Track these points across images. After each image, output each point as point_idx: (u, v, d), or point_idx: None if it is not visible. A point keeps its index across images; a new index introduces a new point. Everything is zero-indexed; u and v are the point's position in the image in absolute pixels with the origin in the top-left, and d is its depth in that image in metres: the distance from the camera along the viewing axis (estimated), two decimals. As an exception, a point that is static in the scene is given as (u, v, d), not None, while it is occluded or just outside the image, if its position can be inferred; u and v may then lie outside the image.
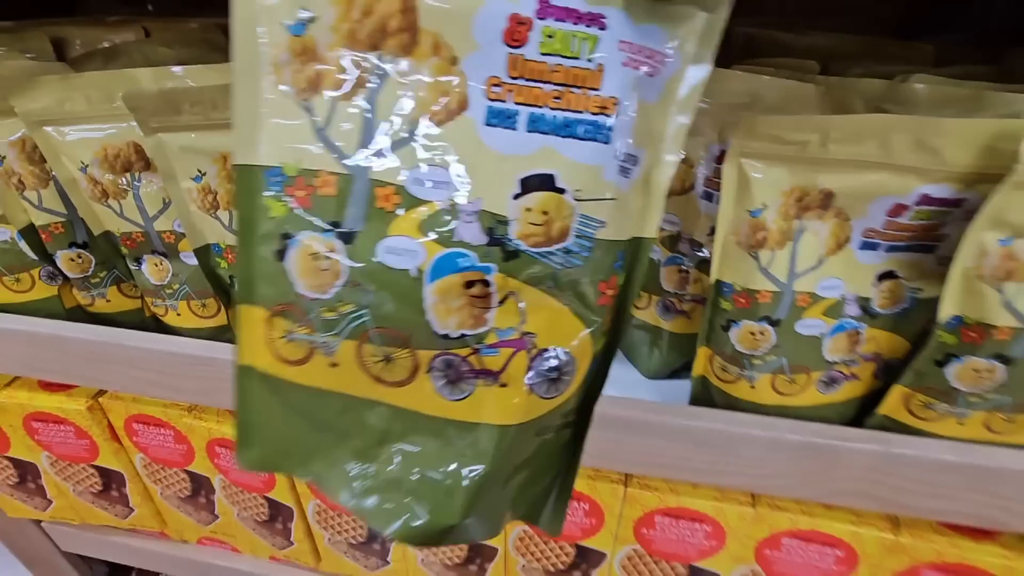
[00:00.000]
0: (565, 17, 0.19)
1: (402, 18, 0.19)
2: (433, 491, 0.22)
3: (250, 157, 0.20)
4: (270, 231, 0.21)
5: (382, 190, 0.20)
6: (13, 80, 0.35)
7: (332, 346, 0.21)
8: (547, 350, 0.22)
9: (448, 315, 0.21)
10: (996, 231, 0.27)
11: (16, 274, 0.43)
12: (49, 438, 0.49)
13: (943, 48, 0.42)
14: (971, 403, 0.31)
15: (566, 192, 0.20)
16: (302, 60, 0.19)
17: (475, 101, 0.20)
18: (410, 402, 0.22)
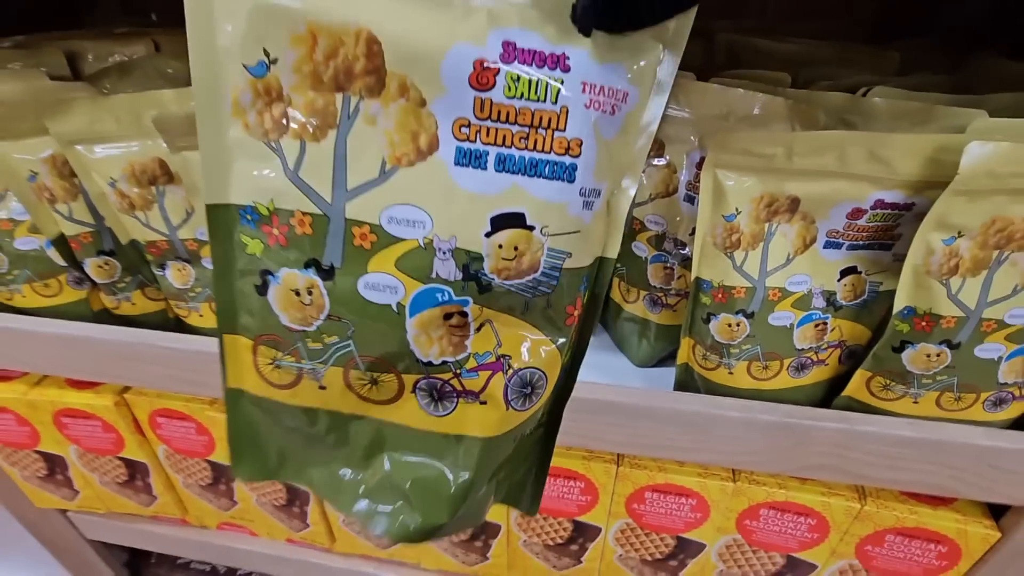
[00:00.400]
0: (529, 60, 0.19)
1: (367, 61, 0.19)
2: (423, 495, 0.24)
3: (221, 196, 0.21)
4: (248, 267, 0.21)
5: (358, 229, 0.21)
6: (42, 102, 0.38)
7: (319, 372, 0.23)
8: (521, 369, 0.23)
9: (430, 345, 0.22)
10: (941, 232, 0.30)
11: (45, 280, 0.45)
12: (78, 432, 0.52)
13: (910, 53, 0.45)
14: (924, 384, 0.35)
15: (535, 229, 0.21)
16: (266, 101, 0.19)
17: (445, 142, 0.20)
18: (397, 417, 0.24)
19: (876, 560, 0.43)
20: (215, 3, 0.19)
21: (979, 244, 0.30)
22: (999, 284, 0.31)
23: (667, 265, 0.42)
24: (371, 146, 0.20)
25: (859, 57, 0.44)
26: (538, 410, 0.25)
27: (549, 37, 0.19)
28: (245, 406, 0.24)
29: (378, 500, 0.24)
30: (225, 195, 0.21)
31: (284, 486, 0.53)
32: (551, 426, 0.27)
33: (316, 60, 0.19)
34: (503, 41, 0.19)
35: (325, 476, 0.25)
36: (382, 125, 0.20)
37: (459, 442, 0.24)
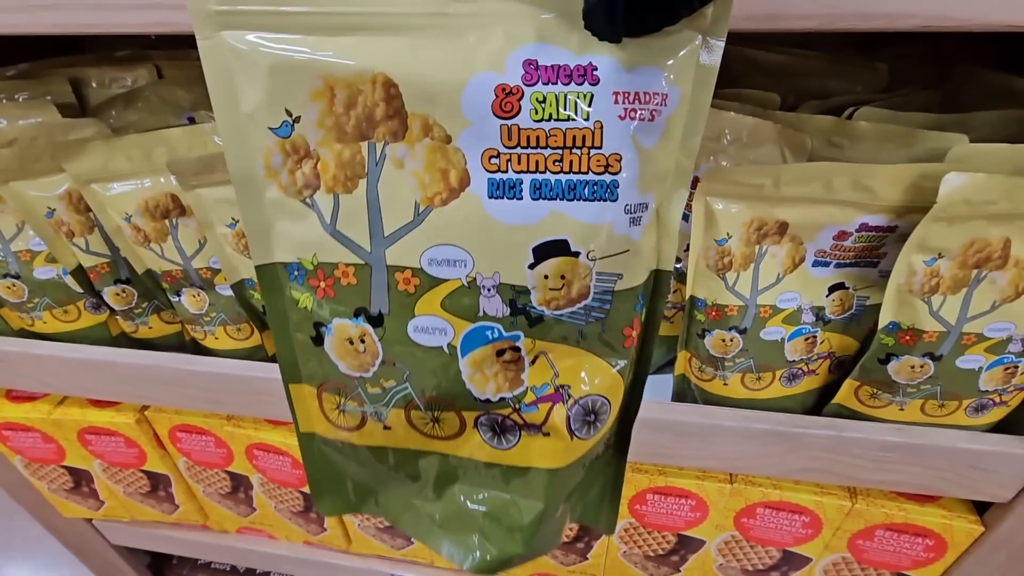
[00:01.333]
0: (554, 78, 0.18)
1: (387, 105, 0.18)
2: (497, 527, 0.24)
3: (268, 257, 0.21)
4: (302, 320, 0.22)
5: (400, 274, 0.21)
6: (56, 144, 0.39)
7: (382, 414, 0.23)
8: (582, 398, 0.23)
9: (485, 382, 0.22)
10: (922, 254, 0.31)
11: (64, 306, 0.47)
12: (101, 448, 0.55)
13: (899, 64, 0.46)
14: (909, 392, 0.37)
15: (580, 255, 0.20)
16: (295, 160, 0.20)
17: (476, 176, 0.19)
18: (463, 452, 0.24)
19: (867, 553, 0.45)
20: (234, 73, 0.19)
21: (958, 264, 0.31)
22: (978, 301, 0.32)
23: (663, 279, 0.43)
24: (402, 189, 0.20)
25: (848, 70, 0.45)
26: (605, 434, 0.24)
27: (572, 47, 0.18)
28: (318, 448, 0.25)
29: (454, 531, 0.24)
30: (271, 255, 0.21)
31: (300, 493, 0.55)
32: (620, 445, 0.26)
33: (337, 112, 0.19)
34: (524, 61, 0.18)
35: (402, 508, 0.25)
36: (410, 167, 0.19)
37: (526, 473, 0.24)
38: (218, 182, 0.37)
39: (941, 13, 0.22)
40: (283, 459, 0.51)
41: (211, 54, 0.19)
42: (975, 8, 0.22)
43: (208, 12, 0.18)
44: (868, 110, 0.36)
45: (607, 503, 0.27)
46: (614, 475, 0.27)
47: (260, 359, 0.46)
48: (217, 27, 0.19)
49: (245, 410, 0.47)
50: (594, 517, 0.27)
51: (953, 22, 0.22)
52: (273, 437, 0.50)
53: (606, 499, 0.27)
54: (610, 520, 0.27)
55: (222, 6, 0.18)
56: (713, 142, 0.37)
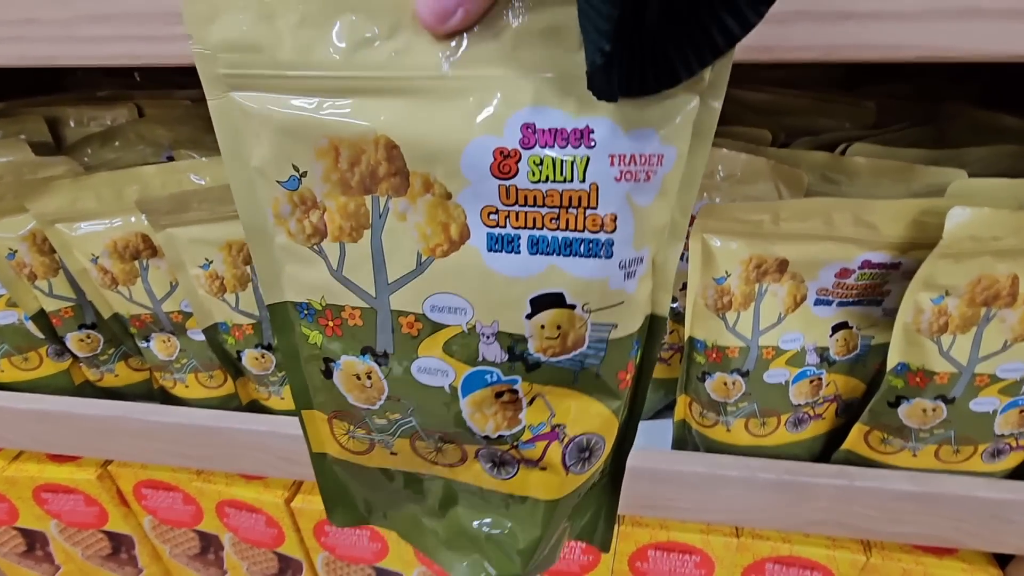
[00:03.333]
0: (551, 141, 0.18)
1: (389, 164, 0.19)
2: (496, 549, 0.25)
3: (279, 296, 0.23)
4: (312, 355, 0.23)
5: (404, 318, 0.22)
6: (22, 182, 0.37)
7: (389, 443, 0.24)
8: (577, 436, 0.24)
9: (485, 421, 0.23)
10: (929, 292, 0.30)
11: (24, 353, 0.44)
12: (59, 507, 0.50)
13: (885, 101, 0.46)
14: (922, 437, 0.35)
15: (576, 307, 0.21)
16: (303, 210, 0.21)
17: (475, 230, 0.20)
18: (465, 478, 0.25)
19: (884, 611, 0.42)
20: (243, 129, 0.20)
21: (967, 302, 0.30)
22: (989, 340, 0.31)
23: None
24: (405, 241, 0.21)
25: (836, 108, 0.45)
26: (599, 468, 0.26)
27: (570, 110, 0.18)
28: (329, 466, 0.27)
29: (457, 549, 0.26)
30: (281, 294, 0.23)
31: (275, 555, 0.51)
32: (616, 473, 0.27)
33: (342, 169, 0.20)
34: (521, 125, 0.18)
35: (408, 523, 0.27)
36: (412, 220, 0.20)
37: (524, 502, 0.25)
38: (191, 221, 0.35)
39: (938, 44, 0.21)
40: (256, 516, 0.48)
41: (221, 113, 0.20)
42: (971, 40, 0.21)
43: (217, 75, 0.19)
44: (861, 146, 0.36)
45: (602, 523, 0.28)
46: (609, 500, 0.28)
47: (233, 408, 0.43)
48: (226, 88, 0.19)
49: (217, 464, 0.44)
50: (590, 536, 0.28)
51: (951, 53, 0.22)
52: (246, 493, 0.46)
53: (601, 520, 0.28)
54: (605, 539, 0.28)
55: (230, 70, 0.19)
56: (706, 179, 0.36)
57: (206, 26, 0.18)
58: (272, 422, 0.41)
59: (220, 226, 0.35)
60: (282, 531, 0.48)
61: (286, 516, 0.46)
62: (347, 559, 0.49)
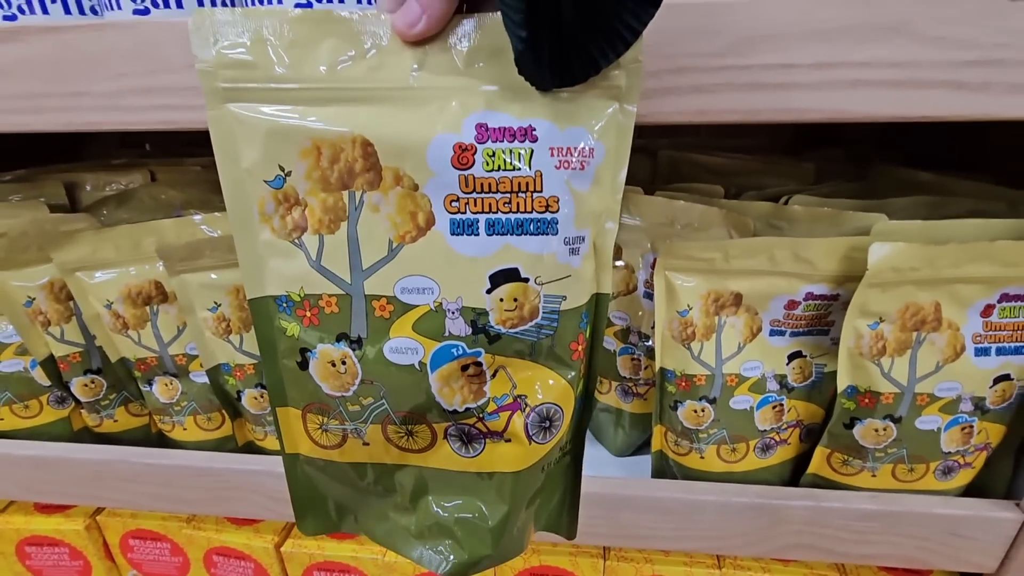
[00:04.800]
0: (501, 137, 0.22)
1: (364, 161, 0.22)
2: (467, 531, 0.27)
3: (260, 291, 0.25)
4: (290, 347, 0.25)
5: (377, 302, 0.24)
6: (46, 234, 0.41)
7: (362, 431, 0.26)
8: (538, 406, 0.26)
9: (452, 395, 0.25)
10: (865, 319, 0.34)
11: (25, 401, 0.46)
12: (41, 563, 0.50)
13: (823, 163, 0.53)
14: (878, 457, 0.37)
15: (529, 280, 0.24)
16: (286, 207, 0.23)
17: (440, 216, 0.23)
18: (434, 462, 0.27)
19: (867, 643, 0.43)
20: (236, 134, 0.23)
21: (899, 327, 0.34)
22: (923, 361, 0.35)
23: (634, 356, 0.45)
24: (378, 230, 0.23)
25: (780, 169, 0.51)
26: (560, 439, 0.27)
27: (515, 114, 0.22)
28: (301, 468, 0.27)
29: (429, 540, 0.27)
30: (262, 289, 0.24)
31: (261, 608, 0.50)
32: (576, 453, 0.29)
33: (323, 167, 0.23)
34: (476, 124, 0.22)
35: (379, 523, 0.28)
36: (384, 211, 0.23)
37: (491, 478, 0.26)
38: (203, 267, 0.38)
39: (838, 108, 0.27)
40: (246, 565, 0.48)
41: (217, 122, 0.23)
42: (866, 104, 0.26)
43: (216, 88, 0.22)
44: (800, 197, 0.41)
45: (567, 511, 0.30)
46: (572, 484, 0.29)
47: (229, 450, 0.45)
48: (223, 100, 0.22)
49: (208, 507, 0.44)
50: (555, 525, 0.30)
51: (848, 115, 0.27)
52: (236, 539, 0.47)
53: (566, 507, 0.30)
54: (570, 527, 0.29)
55: (227, 84, 0.22)
56: (666, 227, 0.40)
57: (209, 47, 0.22)
58: (265, 462, 0.42)
59: (229, 272, 0.39)
60: (270, 580, 0.48)
61: (275, 563, 0.47)
62: (334, 609, 0.49)
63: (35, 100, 0.31)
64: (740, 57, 0.26)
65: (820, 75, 0.26)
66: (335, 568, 0.46)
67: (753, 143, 0.61)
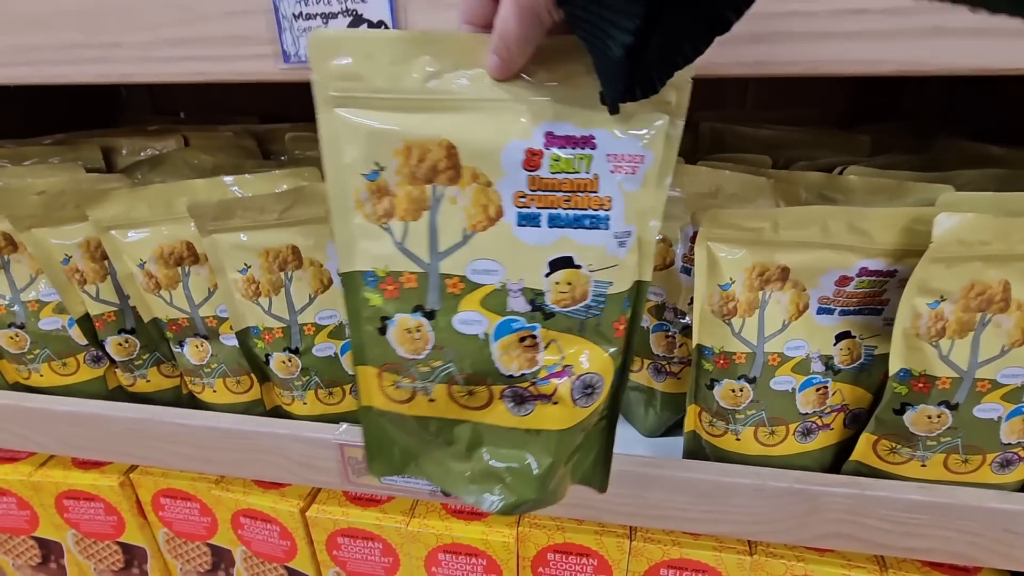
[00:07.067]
0: (565, 144, 0.26)
1: (447, 160, 0.26)
2: (515, 478, 0.30)
3: (349, 266, 0.28)
4: (372, 315, 0.28)
5: (450, 280, 0.27)
6: (83, 192, 0.41)
7: (429, 389, 0.29)
8: (582, 375, 0.29)
9: (510, 362, 0.29)
10: (924, 296, 0.32)
11: (64, 359, 0.47)
12: (78, 515, 0.51)
13: (880, 136, 0.49)
14: (929, 446, 0.35)
15: (582, 267, 0.27)
16: (378, 197, 0.27)
17: (508, 210, 0.26)
18: (490, 419, 0.30)
19: (905, 639, 0.41)
20: (341, 134, 0.26)
21: (962, 307, 0.32)
22: (987, 345, 0.32)
23: (668, 334, 0.43)
24: (454, 219, 0.27)
25: (832, 140, 0.48)
26: (599, 405, 0.30)
27: (578, 124, 0.25)
28: (374, 419, 0.31)
29: (482, 484, 0.31)
30: (352, 264, 0.28)
31: (285, 570, 0.51)
32: (611, 418, 0.32)
33: (411, 165, 0.26)
34: (545, 132, 0.25)
35: (438, 468, 0.32)
36: (461, 203, 0.26)
37: (539, 435, 0.30)
38: (234, 228, 0.38)
39: (914, 59, 0.24)
40: (271, 528, 0.48)
41: (326, 123, 0.26)
42: (945, 54, 0.24)
43: (327, 96, 0.25)
44: (856, 168, 0.38)
45: (600, 467, 0.33)
46: (606, 444, 0.33)
47: (257, 414, 0.45)
48: (332, 106, 0.26)
49: (236, 469, 0.45)
50: (589, 478, 0.33)
51: (925, 67, 0.24)
52: (262, 502, 0.47)
53: (599, 464, 0.33)
54: (602, 482, 0.33)
55: (336, 92, 0.25)
56: (708, 198, 0.38)
57: (324, 62, 0.25)
58: (293, 426, 0.42)
59: (260, 233, 0.38)
60: (295, 543, 0.48)
61: (300, 527, 0.47)
62: (358, 575, 0.49)
63: (71, 51, 0.31)
64: (805, 1, 0.24)
65: (895, 22, 0.24)
66: (359, 535, 0.46)
67: (802, 115, 0.58)
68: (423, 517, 0.45)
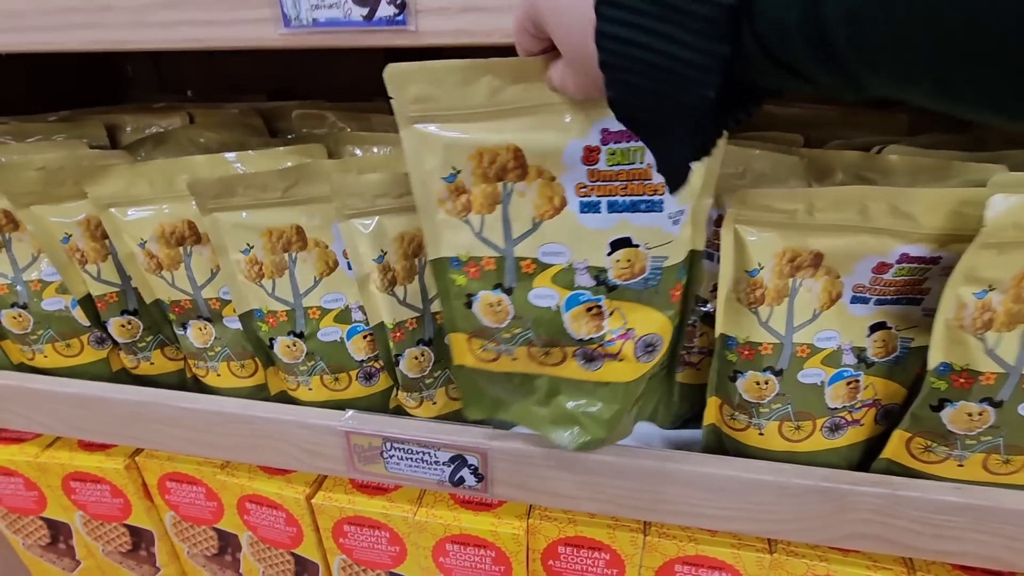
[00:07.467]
0: (620, 139, 0.28)
1: (515, 161, 0.29)
2: (589, 421, 0.35)
3: (437, 253, 0.32)
4: (458, 293, 0.33)
5: (523, 262, 0.32)
6: (82, 168, 0.39)
7: (511, 350, 0.34)
8: (644, 335, 0.33)
9: (579, 328, 0.32)
10: (971, 286, 0.29)
11: (67, 340, 0.46)
12: (85, 497, 0.51)
13: (918, 115, 0.46)
14: (968, 445, 0.33)
15: (639, 246, 0.31)
16: (456, 195, 0.31)
17: (571, 199, 0.30)
18: (565, 374, 0.35)
19: (932, 644, 0.39)
20: (421, 146, 0.30)
21: (1012, 297, 0.29)
22: (1038, 339, 0.30)
23: (689, 323, 0.41)
24: (524, 210, 0.30)
25: (867, 120, 0.45)
26: (660, 359, 0.34)
27: None
28: (466, 375, 0.36)
29: (560, 425, 0.36)
30: (439, 252, 0.32)
31: (292, 556, 0.50)
32: (670, 367, 0.37)
33: (484, 167, 0.30)
34: (600, 130, 0.28)
35: (523, 412, 0.37)
36: (529, 196, 0.30)
37: (608, 386, 0.34)
38: (236, 206, 0.36)
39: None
40: (276, 514, 0.47)
41: (408, 137, 0.30)
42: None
43: (408, 115, 0.29)
44: (898, 147, 0.35)
45: (662, 407, 0.38)
46: (666, 389, 0.38)
47: (262, 399, 0.44)
48: (411, 123, 0.29)
49: (240, 455, 0.44)
50: (653, 416, 0.39)
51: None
52: (268, 488, 0.46)
53: (661, 404, 0.38)
54: (664, 419, 0.39)
55: (414, 112, 0.29)
56: (735, 179, 0.36)
57: (402, 89, 0.28)
58: (299, 412, 0.41)
59: (262, 212, 0.37)
60: (301, 530, 0.47)
61: (306, 513, 0.46)
62: (364, 563, 0.48)
63: (60, 16, 0.30)
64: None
65: None
66: (365, 523, 0.45)
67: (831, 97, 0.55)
68: (431, 507, 0.44)
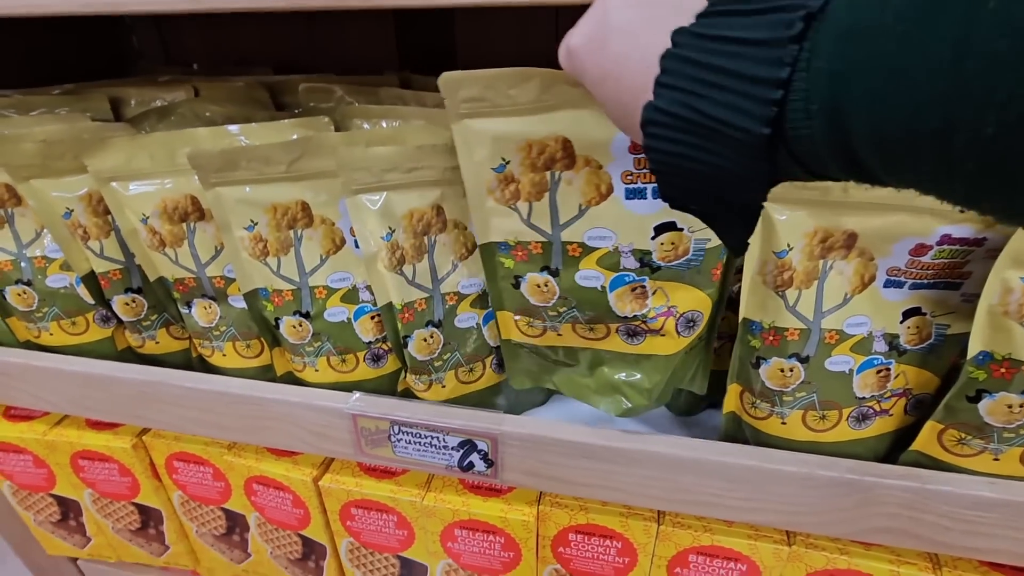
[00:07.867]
0: None
1: (563, 151, 0.30)
2: (631, 390, 0.37)
3: (486, 238, 0.34)
4: (506, 274, 0.35)
5: (570, 246, 0.33)
6: (81, 141, 0.38)
7: (557, 327, 0.36)
8: (685, 312, 0.34)
9: (624, 306, 0.34)
10: (1019, 270, 0.27)
11: (73, 317, 0.45)
12: (94, 476, 0.51)
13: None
14: (1006, 438, 0.31)
15: (684, 230, 0.31)
16: (505, 184, 0.31)
17: (617, 187, 0.31)
18: (608, 347, 0.36)
19: (956, 641, 0.38)
20: (472, 140, 0.30)
21: (1063, 283, 0.27)
22: (1089, 327, 0.28)
23: (709, 306, 0.39)
24: (571, 197, 0.31)
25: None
26: (699, 334, 0.36)
27: None
28: (512, 348, 0.38)
29: (604, 394, 0.38)
30: (488, 237, 0.34)
31: (299, 537, 0.50)
32: (708, 339, 0.37)
33: (533, 157, 0.30)
34: None
35: (567, 382, 0.39)
36: (576, 184, 0.31)
37: (650, 359, 0.36)
38: (239, 180, 0.35)
39: None
40: (284, 496, 0.47)
41: (460, 131, 0.30)
42: None
43: (459, 112, 0.30)
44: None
45: (699, 376, 0.39)
46: (704, 359, 0.38)
47: (268, 380, 0.43)
48: (462, 118, 0.30)
49: (246, 436, 0.43)
50: (691, 384, 0.39)
51: None
52: (275, 470, 0.46)
53: (699, 373, 0.39)
54: (701, 385, 0.39)
55: (464, 110, 0.30)
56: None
57: (454, 92, 0.29)
58: (305, 394, 0.40)
59: (266, 188, 0.35)
60: (308, 512, 0.47)
61: (313, 496, 0.45)
62: (371, 546, 0.48)
63: (52, -24, 0.28)
64: None
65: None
66: (372, 507, 0.45)
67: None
68: (439, 491, 0.43)
